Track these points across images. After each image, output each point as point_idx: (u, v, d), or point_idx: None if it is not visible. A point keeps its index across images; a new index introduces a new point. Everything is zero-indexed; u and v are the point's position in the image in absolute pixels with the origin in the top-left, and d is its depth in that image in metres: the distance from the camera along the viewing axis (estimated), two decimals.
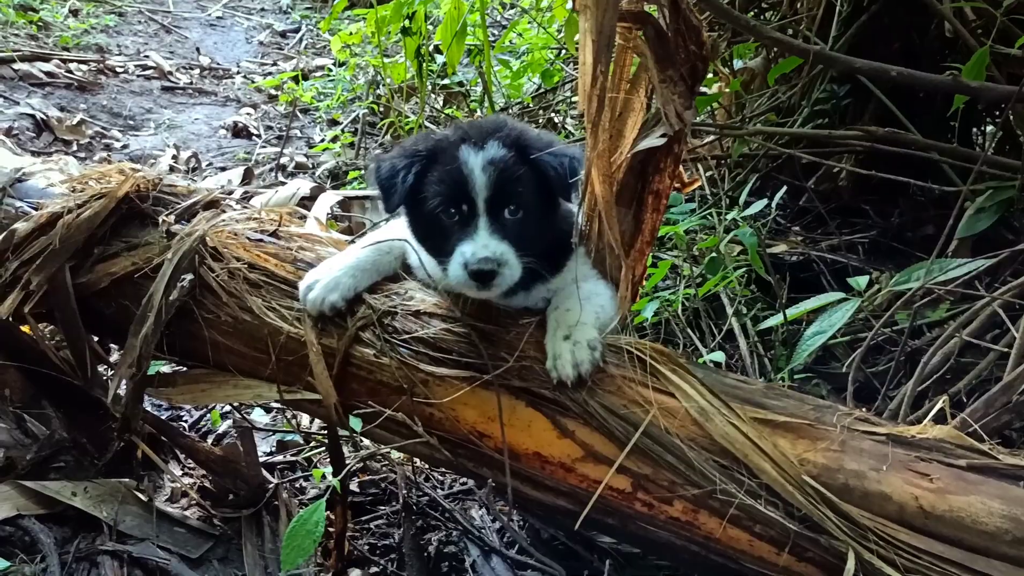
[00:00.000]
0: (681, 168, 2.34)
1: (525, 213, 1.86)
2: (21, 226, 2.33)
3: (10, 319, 2.35)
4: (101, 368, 2.58)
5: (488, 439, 1.93)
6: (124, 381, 2.29)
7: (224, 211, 2.37)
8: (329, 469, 2.41)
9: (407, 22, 4.16)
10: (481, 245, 1.78)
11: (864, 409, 1.86)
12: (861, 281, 2.82)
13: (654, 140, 2.13)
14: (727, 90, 4.08)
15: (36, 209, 2.38)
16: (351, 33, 5.15)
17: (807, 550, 1.64)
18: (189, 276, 2.20)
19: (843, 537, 1.58)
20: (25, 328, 2.46)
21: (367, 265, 2.10)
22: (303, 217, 2.59)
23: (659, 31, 2.01)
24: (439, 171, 1.85)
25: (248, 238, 2.24)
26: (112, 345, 2.76)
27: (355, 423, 2.02)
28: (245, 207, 2.43)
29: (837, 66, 2.76)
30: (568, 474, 1.86)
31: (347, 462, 2.54)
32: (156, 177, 2.39)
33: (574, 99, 6.06)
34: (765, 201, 2.96)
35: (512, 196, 1.84)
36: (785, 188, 3.16)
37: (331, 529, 2.19)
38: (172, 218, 2.31)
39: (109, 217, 2.31)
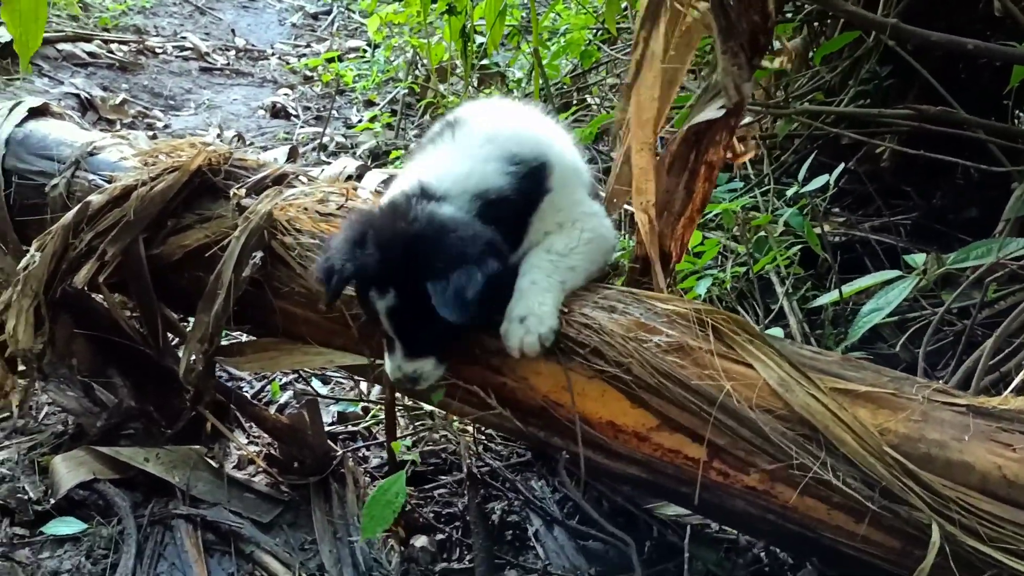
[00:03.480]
0: (735, 140, 2.38)
1: (437, 331, 1.87)
2: (95, 198, 2.38)
3: (85, 288, 2.41)
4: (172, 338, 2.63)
5: (561, 408, 1.95)
6: (194, 355, 2.34)
7: (292, 185, 2.41)
8: (405, 443, 2.47)
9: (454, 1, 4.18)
10: (395, 367, 1.93)
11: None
12: (918, 259, 2.82)
13: (712, 112, 2.15)
14: (789, 65, 4.07)
15: (109, 182, 2.43)
16: (396, 12, 5.17)
17: (887, 520, 1.65)
18: (260, 253, 2.23)
19: (925, 509, 1.60)
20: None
21: None
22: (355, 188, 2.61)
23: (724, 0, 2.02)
24: (360, 296, 1.95)
25: (319, 212, 2.27)
26: (174, 315, 2.81)
27: (435, 395, 2.05)
28: (312, 180, 2.47)
29: (912, 39, 2.76)
30: (642, 443, 1.88)
31: (409, 431, 2.61)
32: (227, 151, 2.42)
33: (608, 80, 6.06)
34: (826, 177, 2.95)
35: (419, 328, 1.88)
36: (843, 166, 3.15)
37: None
38: (243, 191, 2.35)
39: (182, 190, 2.35)
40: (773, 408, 1.74)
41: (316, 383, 3.01)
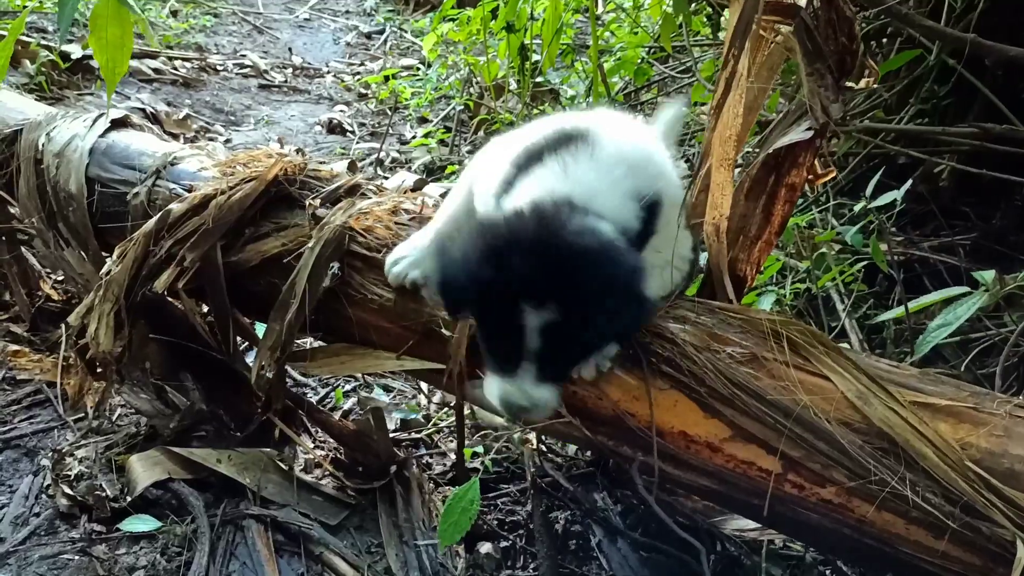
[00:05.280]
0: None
1: (579, 355, 1.79)
2: (176, 207, 2.46)
3: (164, 294, 2.49)
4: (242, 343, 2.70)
5: (632, 417, 1.97)
6: (266, 362, 2.39)
7: (365, 196, 2.47)
8: (475, 449, 2.49)
9: (514, 18, 4.25)
10: (519, 391, 1.66)
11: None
12: (987, 275, 2.78)
13: (799, 134, 2.13)
14: (875, 85, 4.06)
15: (189, 191, 2.52)
16: (455, 29, 5.27)
17: (968, 536, 1.63)
18: (336, 264, 2.29)
19: (1009, 525, 1.58)
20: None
21: None
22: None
23: (809, 24, 2.03)
24: (497, 310, 1.64)
25: (397, 223, 2.33)
26: (247, 320, 2.88)
27: None
28: (383, 191, 2.52)
29: (990, 54, 2.76)
30: (714, 454, 1.89)
31: (471, 440, 2.64)
32: (302, 161, 2.49)
33: (657, 99, 6.08)
34: (895, 194, 2.93)
35: (566, 350, 1.69)
36: (909, 182, 3.12)
37: None
38: (318, 202, 2.42)
39: (259, 199, 2.42)
40: (851, 421, 1.74)
41: (377, 391, 3.05)
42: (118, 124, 2.91)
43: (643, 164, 1.89)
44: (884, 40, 4.29)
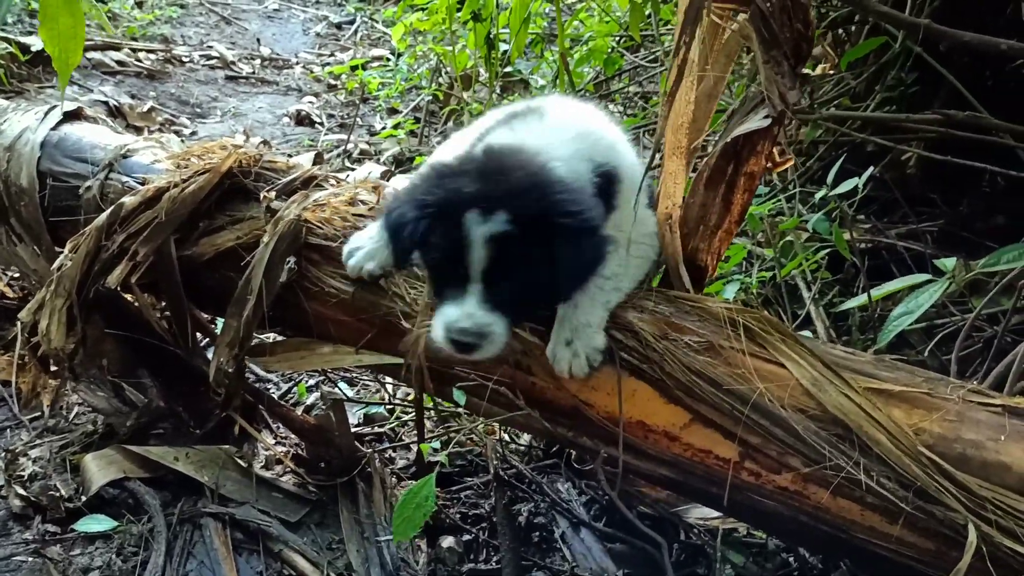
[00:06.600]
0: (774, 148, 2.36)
1: (527, 285, 1.71)
2: (128, 200, 2.41)
3: (117, 289, 2.44)
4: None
5: (591, 408, 1.95)
6: (224, 358, 2.35)
7: (322, 187, 2.43)
8: (433, 444, 2.47)
9: (480, 7, 4.21)
10: (465, 314, 1.66)
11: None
12: (948, 263, 2.79)
13: (757, 122, 2.12)
14: (832, 71, 4.06)
15: (142, 184, 2.47)
16: (421, 20, 5.22)
17: (921, 521, 1.64)
18: (293, 258, 2.24)
19: (961, 509, 1.58)
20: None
21: None
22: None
23: (764, 11, 2.01)
24: (443, 229, 1.67)
25: (353, 215, 2.29)
26: (205, 315, 2.83)
27: (459, 395, 2.05)
28: (341, 183, 2.48)
29: (944, 40, 2.75)
30: (672, 443, 1.88)
31: (436, 433, 2.62)
32: (257, 153, 2.45)
33: (630, 88, 6.07)
34: (856, 181, 2.93)
35: (513, 271, 1.67)
36: (871, 169, 3.13)
37: None
38: (272, 194, 2.37)
39: (213, 191, 2.37)
40: (806, 408, 1.74)
41: (342, 385, 3.02)
42: (71, 116, 2.84)
43: (592, 132, 1.96)
44: (853, 28, 4.30)
